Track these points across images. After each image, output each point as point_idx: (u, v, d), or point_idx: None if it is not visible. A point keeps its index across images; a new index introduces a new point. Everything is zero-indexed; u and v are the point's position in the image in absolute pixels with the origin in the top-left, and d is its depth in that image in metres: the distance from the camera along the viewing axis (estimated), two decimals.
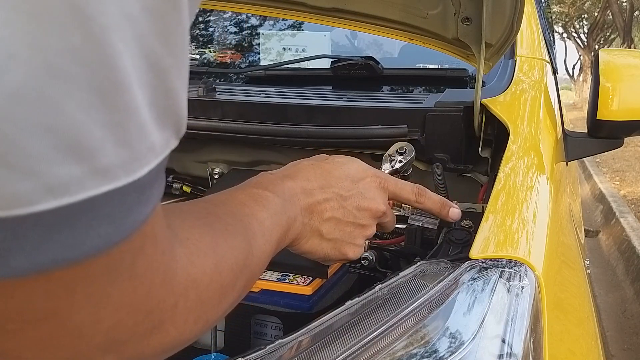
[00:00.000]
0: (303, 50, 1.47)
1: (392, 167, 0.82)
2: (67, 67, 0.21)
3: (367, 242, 0.83)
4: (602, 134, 1.24)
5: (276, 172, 0.56)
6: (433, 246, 0.73)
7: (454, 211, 0.68)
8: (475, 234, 0.66)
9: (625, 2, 14.98)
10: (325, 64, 1.29)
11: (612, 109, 1.19)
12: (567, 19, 20.72)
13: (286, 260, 0.75)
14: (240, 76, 1.42)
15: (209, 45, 1.64)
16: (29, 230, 0.22)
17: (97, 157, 0.23)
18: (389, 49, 1.64)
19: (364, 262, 0.82)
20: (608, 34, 21.16)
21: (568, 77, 25.78)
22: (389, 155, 0.82)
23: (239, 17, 1.67)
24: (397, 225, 0.88)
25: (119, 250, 0.26)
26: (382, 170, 0.80)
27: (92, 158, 0.22)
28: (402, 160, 0.82)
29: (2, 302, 0.24)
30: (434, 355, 0.50)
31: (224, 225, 0.42)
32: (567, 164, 1.31)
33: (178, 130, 0.28)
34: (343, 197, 0.57)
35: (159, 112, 0.26)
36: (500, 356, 0.51)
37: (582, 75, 20.71)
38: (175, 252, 0.33)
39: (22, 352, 0.26)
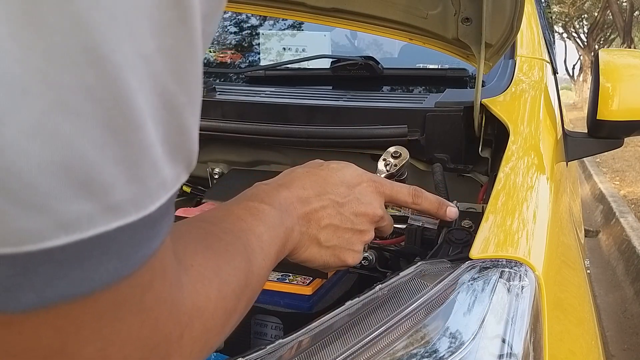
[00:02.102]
0: (303, 50, 1.47)
1: (388, 170, 0.82)
2: (80, 104, 0.21)
3: (366, 246, 0.83)
4: (602, 134, 1.24)
5: (270, 181, 0.55)
6: (433, 246, 0.73)
7: (452, 210, 0.68)
8: (475, 234, 0.66)
9: (625, 2, 14.98)
10: (325, 64, 1.29)
11: (612, 109, 1.19)
12: (567, 19, 20.72)
13: (286, 260, 0.75)
14: (240, 76, 1.42)
15: (209, 45, 1.64)
16: (40, 266, 0.22)
17: (109, 193, 0.23)
18: (389, 49, 1.64)
19: (364, 262, 0.82)
20: (608, 34, 21.15)
21: (568, 77, 25.78)
22: (384, 159, 0.82)
23: (239, 17, 1.67)
24: (397, 225, 0.88)
25: (128, 285, 0.26)
26: (378, 174, 0.80)
27: (104, 194, 0.22)
28: (397, 164, 0.82)
29: (10, 338, 0.24)
30: (434, 355, 0.50)
31: (224, 245, 0.41)
32: (567, 164, 1.31)
33: (189, 165, 0.28)
34: (339, 203, 0.57)
35: (172, 149, 0.26)
36: (501, 356, 0.51)
37: (582, 75, 20.71)
38: (181, 281, 0.32)
39: None
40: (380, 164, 0.82)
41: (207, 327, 0.35)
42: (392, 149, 0.82)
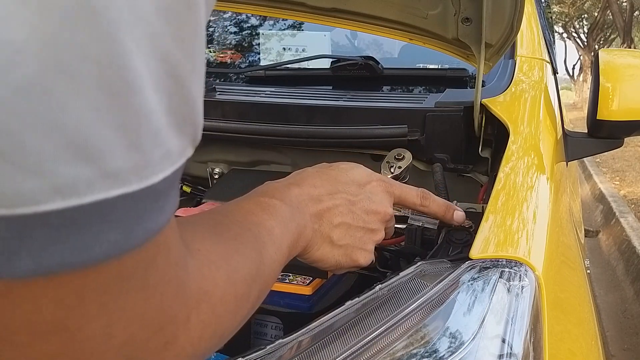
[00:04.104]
0: (303, 50, 1.47)
1: (392, 173, 0.82)
2: (75, 63, 0.20)
3: None
4: (602, 134, 1.24)
5: (281, 180, 0.55)
6: (433, 246, 0.73)
7: (459, 214, 0.68)
8: (475, 234, 0.66)
9: (625, 2, 14.98)
10: (325, 64, 1.29)
11: (612, 109, 1.19)
12: (567, 19, 20.71)
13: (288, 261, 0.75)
14: (240, 76, 1.42)
15: (209, 45, 1.64)
16: (35, 230, 0.21)
17: (106, 159, 0.22)
18: (389, 49, 1.64)
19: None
20: (608, 34, 21.15)
21: (568, 77, 25.78)
22: (388, 162, 0.82)
23: (239, 17, 1.67)
24: (397, 225, 0.88)
25: (131, 259, 0.25)
26: None
27: (101, 160, 0.22)
28: (401, 166, 0.82)
29: (10, 310, 0.23)
30: (434, 355, 0.50)
31: (233, 235, 0.41)
32: (567, 164, 1.31)
33: (195, 139, 0.27)
34: (351, 201, 0.56)
35: (177, 119, 0.25)
36: (501, 356, 0.51)
37: (582, 75, 20.71)
38: (187, 263, 0.31)
39: None
40: (384, 167, 0.82)
41: (216, 312, 0.34)
42: (394, 152, 0.82)
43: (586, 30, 21.52)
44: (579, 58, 22.58)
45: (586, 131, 1.28)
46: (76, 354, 0.25)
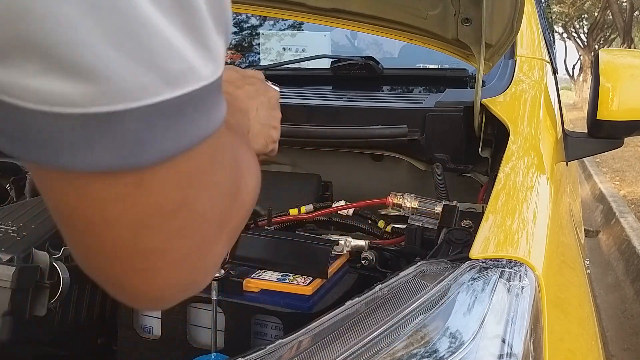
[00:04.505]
0: (303, 50, 1.47)
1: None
2: None
3: (367, 242, 0.83)
4: (602, 134, 1.24)
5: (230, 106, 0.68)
6: (433, 246, 0.73)
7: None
8: (476, 234, 0.66)
9: (625, 2, 14.98)
10: (325, 64, 1.29)
11: (612, 109, 1.19)
12: (567, 19, 20.71)
13: (286, 261, 0.75)
14: None
15: None
16: (157, 120, 0.26)
17: (193, 57, 0.27)
18: (389, 49, 1.64)
19: (364, 262, 0.82)
20: (608, 34, 21.15)
21: (568, 77, 25.78)
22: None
23: (239, 17, 1.67)
24: (397, 225, 0.88)
25: (214, 141, 0.31)
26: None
27: (189, 57, 0.27)
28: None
29: (145, 197, 0.29)
30: (434, 355, 0.50)
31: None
32: (567, 164, 1.31)
33: (227, 40, 0.32)
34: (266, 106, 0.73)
35: (217, 19, 0.29)
36: (501, 356, 0.51)
37: (582, 75, 20.71)
38: (235, 146, 0.40)
39: (166, 244, 0.30)
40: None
41: (249, 182, 0.43)
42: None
43: (586, 30, 21.51)
44: (579, 58, 22.59)
45: (586, 131, 1.28)
46: (196, 225, 0.32)
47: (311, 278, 0.73)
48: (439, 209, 0.81)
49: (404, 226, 0.84)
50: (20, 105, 0.25)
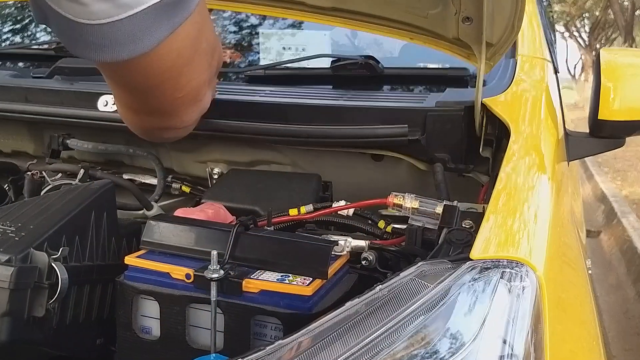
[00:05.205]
0: (303, 49, 1.47)
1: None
2: None
3: (367, 242, 0.83)
4: (604, 134, 1.24)
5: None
6: (433, 246, 0.73)
7: None
8: (476, 234, 0.66)
9: (627, 1, 14.98)
10: (326, 63, 1.29)
11: (614, 109, 1.19)
12: (568, 18, 20.69)
13: (286, 261, 0.75)
14: (240, 75, 1.42)
15: None
16: (145, 21, 0.46)
17: None
18: (390, 48, 1.63)
19: (364, 263, 0.81)
20: (609, 33, 21.13)
21: (569, 76, 25.77)
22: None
23: (239, 16, 1.66)
24: (397, 226, 0.88)
25: (191, 24, 0.51)
26: None
27: None
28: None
29: (153, 70, 0.53)
30: (435, 356, 0.50)
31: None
32: (568, 164, 1.31)
33: None
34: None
35: None
36: (502, 357, 0.51)
37: (583, 74, 20.71)
38: (203, 24, 0.59)
39: (201, 75, 0.60)
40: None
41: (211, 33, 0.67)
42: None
43: (587, 30, 21.50)
44: (581, 57, 22.59)
45: (587, 131, 1.28)
46: (194, 74, 0.58)
47: (311, 279, 0.73)
48: (439, 209, 0.81)
49: (404, 226, 0.84)
50: (73, 19, 0.46)
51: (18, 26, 1.76)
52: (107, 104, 1.07)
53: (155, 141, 0.79)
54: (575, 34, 21.80)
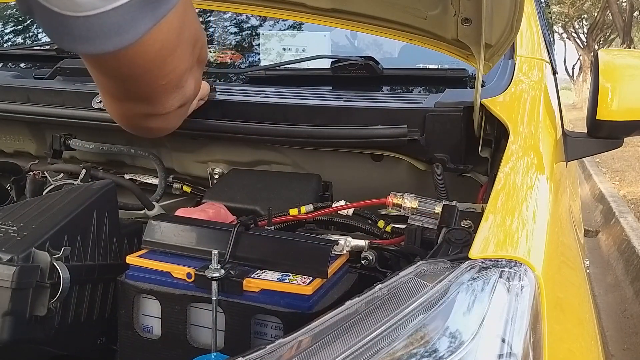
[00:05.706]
0: (303, 50, 1.47)
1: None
2: None
3: (367, 242, 0.83)
4: (602, 134, 1.24)
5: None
6: (433, 246, 0.74)
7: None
8: (475, 234, 0.66)
9: (625, 2, 14.98)
10: (325, 64, 1.29)
11: (612, 109, 1.19)
12: (566, 19, 20.70)
13: (286, 260, 0.75)
14: (241, 76, 1.42)
15: (209, 46, 1.64)
16: (130, 13, 0.47)
17: None
18: (389, 49, 1.64)
19: (364, 262, 0.82)
20: (608, 34, 21.14)
21: (568, 77, 25.77)
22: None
23: (239, 17, 1.67)
24: (397, 225, 0.88)
25: (175, 14, 0.52)
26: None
27: None
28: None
29: (138, 62, 0.55)
30: (434, 355, 0.50)
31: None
32: (566, 164, 1.31)
33: None
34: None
35: None
36: (500, 356, 0.51)
37: (581, 75, 20.70)
38: (187, 14, 0.59)
39: (183, 62, 0.61)
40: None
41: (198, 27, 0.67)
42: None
43: (586, 31, 21.50)
44: (579, 58, 22.58)
45: (586, 131, 1.28)
46: (178, 61, 0.60)
47: (311, 278, 0.73)
48: (438, 209, 0.81)
49: (403, 226, 0.84)
50: (59, 12, 0.46)
51: (20, 27, 1.77)
52: None
53: (140, 134, 0.77)
54: (574, 35, 21.81)
